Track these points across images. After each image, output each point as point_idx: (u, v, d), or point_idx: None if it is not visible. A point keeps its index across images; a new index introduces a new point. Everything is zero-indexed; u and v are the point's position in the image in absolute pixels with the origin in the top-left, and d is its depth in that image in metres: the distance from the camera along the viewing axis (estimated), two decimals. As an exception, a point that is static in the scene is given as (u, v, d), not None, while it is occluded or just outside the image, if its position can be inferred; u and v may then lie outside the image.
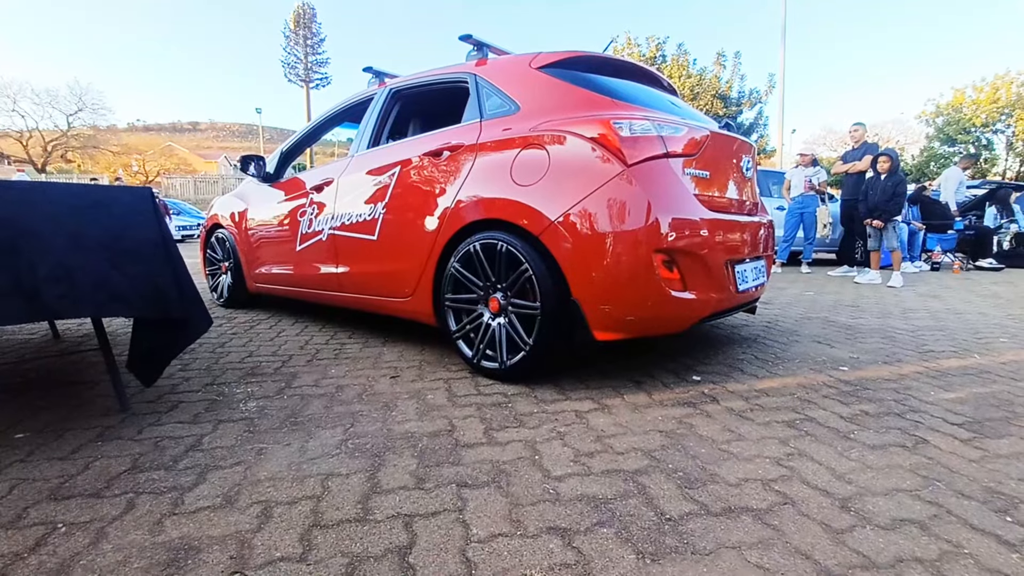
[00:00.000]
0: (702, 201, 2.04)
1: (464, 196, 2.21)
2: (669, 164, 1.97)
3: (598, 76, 2.31)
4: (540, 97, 2.23)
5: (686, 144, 2.04)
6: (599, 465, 1.38)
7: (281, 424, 1.65)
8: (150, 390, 1.95)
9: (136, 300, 1.64)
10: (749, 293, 2.32)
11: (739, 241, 2.21)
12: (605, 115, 1.98)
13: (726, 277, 2.11)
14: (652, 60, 13.91)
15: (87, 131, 38.83)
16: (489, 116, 2.33)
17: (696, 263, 1.96)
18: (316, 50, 43.84)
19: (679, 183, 1.98)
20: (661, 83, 2.76)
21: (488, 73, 2.44)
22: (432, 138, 2.51)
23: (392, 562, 0.99)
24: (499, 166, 2.14)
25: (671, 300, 1.89)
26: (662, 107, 2.31)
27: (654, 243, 1.84)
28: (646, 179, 1.88)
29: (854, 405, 1.83)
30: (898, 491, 1.25)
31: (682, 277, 1.92)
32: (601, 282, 1.88)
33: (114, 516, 1.13)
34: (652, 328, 2.03)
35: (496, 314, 2.12)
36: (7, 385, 2.05)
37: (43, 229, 1.52)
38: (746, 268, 2.28)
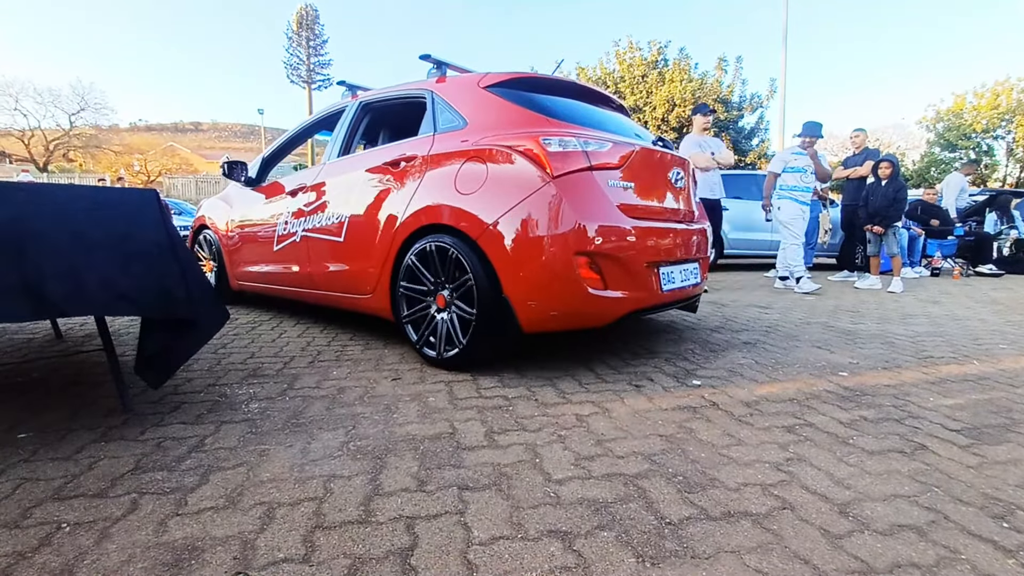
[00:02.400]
0: (624, 209, 2.25)
1: (416, 203, 2.41)
2: (593, 176, 2.19)
3: (538, 95, 2.53)
4: (485, 114, 2.46)
5: (610, 158, 2.26)
6: (599, 468, 1.38)
7: (283, 425, 1.66)
8: (152, 391, 1.96)
9: (142, 299, 1.64)
10: (678, 292, 2.52)
11: (664, 245, 2.42)
12: (535, 132, 2.22)
13: (648, 278, 2.32)
14: (654, 64, 13.94)
15: (89, 131, 38.90)
16: (441, 130, 2.56)
17: (615, 265, 2.17)
18: (319, 51, 43.94)
19: (601, 193, 2.20)
20: (609, 102, 3.00)
21: (443, 90, 2.67)
22: (392, 149, 2.74)
23: (394, 564, 0.99)
24: (446, 176, 2.35)
25: (591, 298, 2.11)
26: (597, 124, 2.54)
27: (575, 246, 2.07)
28: (570, 189, 2.11)
29: (853, 410, 1.84)
30: (896, 497, 1.26)
31: (602, 277, 2.14)
32: (528, 281, 2.11)
33: (118, 516, 1.14)
34: (575, 322, 2.24)
35: (442, 309, 2.33)
36: (10, 385, 2.06)
37: (49, 230, 1.54)
38: (673, 270, 2.49)
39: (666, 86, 13.10)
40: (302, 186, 3.19)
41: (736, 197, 7.92)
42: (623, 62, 14.16)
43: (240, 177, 3.66)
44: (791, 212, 5.38)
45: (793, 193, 5.40)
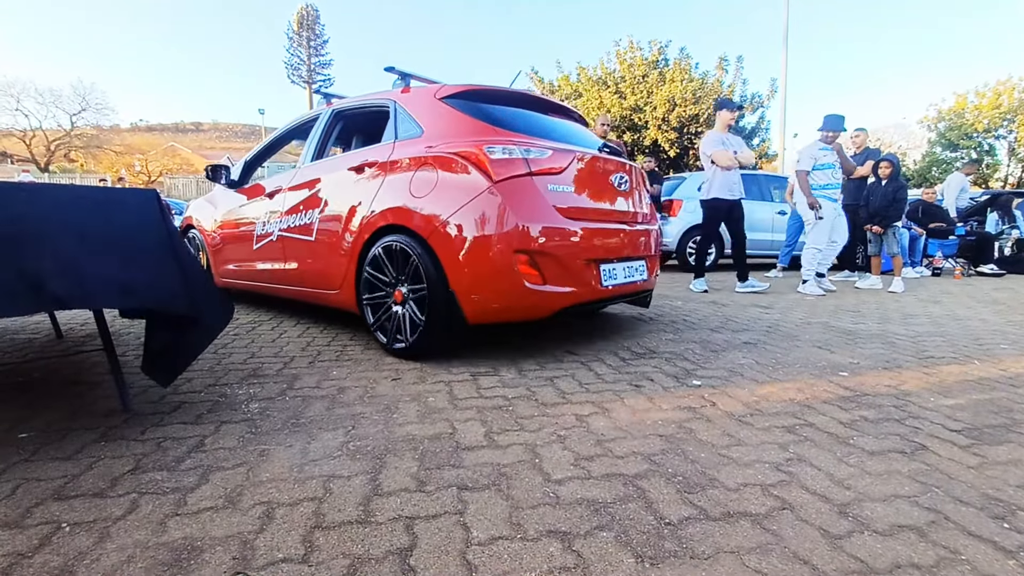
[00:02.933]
0: (562, 211, 2.43)
1: (377, 205, 2.60)
2: (533, 181, 2.37)
3: (489, 106, 2.72)
4: (439, 123, 2.64)
5: (550, 164, 2.45)
6: (599, 469, 1.38)
7: (283, 425, 1.66)
8: (153, 390, 1.96)
9: (144, 292, 1.64)
10: (622, 288, 2.71)
11: (604, 244, 2.60)
12: (480, 140, 2.40)
13: (587, 274, 2.50)
14: (655, 63, 13.93)
15: (90, 131, 38.94)
16: (401, 138, 2.75)
17: (553, 262, 2.36)
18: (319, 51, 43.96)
19: (540, 196, 2.38)
20: (561, 111, 3.18)
21: (404, 101, 2.85)
22: (357, 155, 2.95)
23: (393, 564, 0.99)
24: (403, 180, 2.55)
25: (530, 292, 2.30)
26: (545, 132, 2.74)
27: (514, 245, 2.25)
28: (510, 193, 2.29)
29: (854, 411, 1.84)
30: (897, 497, 1.26)
31: (540, 273, 2.33)
32: (471, 277, 2.29)
33: (118, 516, 1.14)
34: (516, 315, 2.43)
35: (399, 302, 2.51)
36: (11, 384, 2.06)
37: (51, 228, 1.54)
38: (615, 267, 2.68)
39: (667, 86, 13.08)
40: (279, 188, 3.36)
41: (737, 197, 7.91)
42: (624, 62, 14.15)
43: (222, 180, 3.82)
44: (824, 211, 5.16)
45: (825, 191, 5.21)
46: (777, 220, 7.89)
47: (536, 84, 15.56)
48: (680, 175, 9.02)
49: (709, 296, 4.91)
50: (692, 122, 13.11)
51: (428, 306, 2.36)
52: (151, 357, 1.81)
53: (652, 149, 13.48)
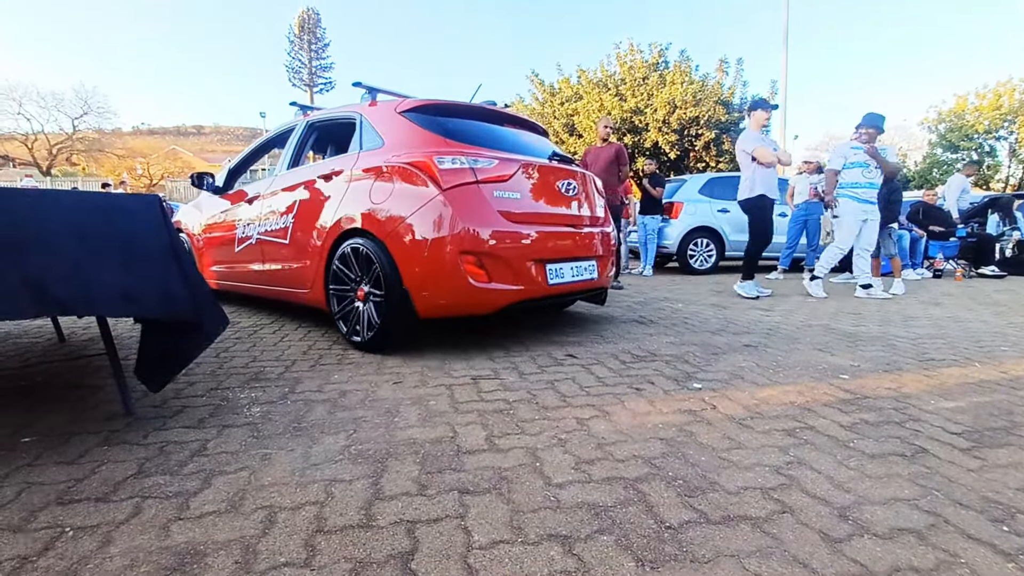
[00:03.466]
0: (507, 216, 2.63)
1: (342, 211, 2.82)
2: (479, 188, 2.58)
3: (444, 119, 2.94)
4: (398, 135, 2.85)
5: (496, 173, 2.66)
6: (600, 472, 1.39)
7: (285, 429, 1.66)
8: (155, 395, 1.96)
9: (147, 300, 1.65)
10: (571, 286, 2.92)
11: (550, 245, 2.79)
12: (432, 152, 2.61)
13: (532, 273, 2.69)
14: (655, 66, 13.94)
15: (92, 134, 39.07)
16: (365, 149, 2.96)
17: (497, 262, 2.55)
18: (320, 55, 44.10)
19: (486, 202, 2.58)
20: (517, 122, 3.40)
21: (369, 114, 3.06)
22: (326, 164, 3.20)
23: (395, 568, 1.00)
24: (364, 188, 2.76)
25: (476, 290, 2.50)
26: (496, 142, 2.96)
27: (460, 247, 2.46)
28: (457, 200, 2.50)
29: (854, 414, 1.84)
30: (896, 500, 1.26)
31: (486, 272, 2.53)
32: (422, 275, 2.50)
33: (121, 520, 1.15)
34: (463, 310, 2.62)
35: (361, 300, 2.71)
36: (14, 389, 2.07)
37: (54, 233, 1.55)
38: (562, 267, 2.87)
39: (667, 88, 13.09)
40: (258, 194, 3.58)
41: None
42: (624, 64, 14.16)
43: (207, 186, 4.03)
44: (847, 211, 5.01)
45: (854, 191, 5.00)
46: (778, 222, 7.88)
47: (537, 86, 15.59)
48: (681, 177, 9.03)
49: (709, 299, 4.92)
50: (692, 124, 13.11)
51: (384, 301, 2.58)
52: (145, 362, 1.82)
53: (653, 151, 13.49)
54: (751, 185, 4.83)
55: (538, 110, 15.49)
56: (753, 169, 4.79)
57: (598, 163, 5.64)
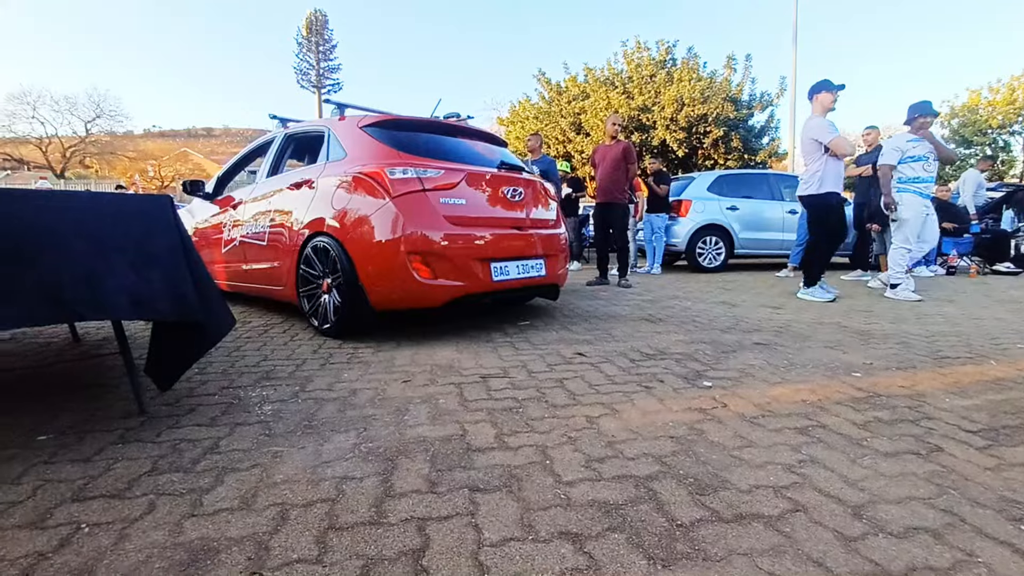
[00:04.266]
0: (451, 219, 2.92)
1: (310, 215, 3.14)
2: (426, 196, 2.88)
3: (400, 133, 3.23)
4: (359, 148, 3.15)
5: (442, 181, 2.95)
6: (610, 470, 1.38)
7: (296, 427, 1.67)
8: (168, 393, 1.99)
9: (157, 304, 1.68)
10: (517, 282, 3.21)
11: (493, 246, 3.07)
12: (385, 163, 2.91)
13: (475, 271, 2.97)
14: (662, 63, 13.87)
15: (105, 137, 39.59)
16: (331, 160, 3.28)
17: (442, 261, 2.84)
18: (328, 56, 44.30)
19: (432, 208, 2.87)
20: (471, 133, 3.69)
21: (336, 128, 3.37)
22: (297, 173, 3.53)
23: (406, 565, 1.00)
24: (328, 195, 3.08)
25: (422, 285, 2.80)
26: (446, 153, 3.25)
27: (407, 247, 2.76)
28: (405, 206, 2.80)
29: (867, 412, 1.82)
30: (912, 499, 1.24)
31: (431, 270, 2.83)
32: (375, 272, 2.81)
33: (135, 517, 1.16)
34: (411, 303, 2.93)
35: (327, 292, 3.01)
36: (30, 388, 2.10)
37: (68, 236, 1.57)
38: (507, 265, 3.15)
39: (674, 85, 13.00)
40: (241, 200, 3.94)
41: (747, 196, 7.87)
42: (631, 62, 14.10)
43: (199, 193, 4.30)
44: (910, 208, 4.72)
45: (916, 185, 4.73)
46: (788, 219, 7.82)
47: (543, 85, 15.57)
48: (689, 175, 8.98)
49: (718, 297, 4.89)
50: (700, 122, 13.02)
51: (344, 294, 2.89)
52: (156, 360, 1.84)
53: (660, 149, 13.42)
54: (819, 180, 4.42)
55: (545, 109, 15.47)
56: (823, 162, 4.38)
57: (606, 162, 5.62)
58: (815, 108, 4.54)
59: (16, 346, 2.83)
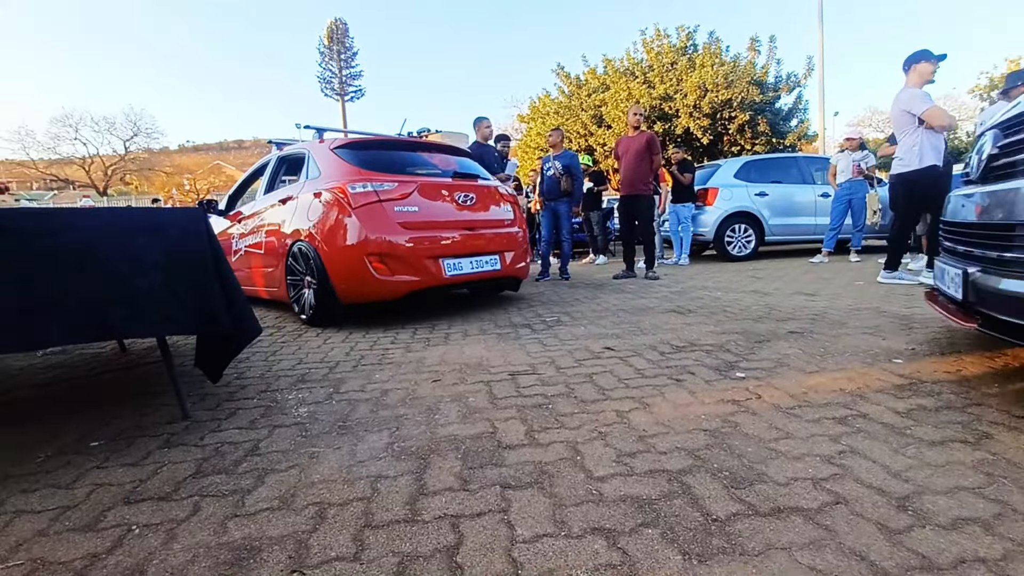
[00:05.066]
0: (404, 224, 3.43)
1: (293, 226, 3.71)
2: (381, 206, 3.40)
3: (364, 152, 3.82)
4: (329, 168, 3.69)
5: (396, 193, 3.47)
6: (642, 465, 1.37)
7: (331, 428, 1.72)
8: (209, 399, 2.06)
9: (189, 320, 1.76)
10: (471, 276, 3.71)
11: (444, 246, 3.57)
12: (347, 180, 3.47)
13: (428, 267, 3.47)
14: (683, 50, 13.58)
15: (143, 154, 41.20)
16: (309, 178, 3.84)
17: (396, 260, 3.37)
18: (350, 64, 44.97)
19: (386, 216, 3.39)
20: (433, 148, 4.26)
21: (314, 150, 3.94)
22: (284, 191, 4.13)
23: (441, 562, 1.02)
24: (305, 209, 3.64)
25: (380, 281, 3.33)
26: (402, 168, 3.82)
27: (365, 251, 3.30)
28: (364, 216, 3.34)
29: (910, 399, 1.76)
30: (959, 489, 1.19)
31: (388, 268, 3.35)
32: (340, 272, 3.35)
33: (182, 518, 1.21)
34: (373, 297, 3.45)
35: (308, 287, 3.59)
36: (82, 397, 2.21)
37: (107, 252, 1.64)
38: (460, 261, 3.65)
39: (696, 72, 12.71)
40: (244, 215, 4.60)
41: (776, 181, 7.65)
42: (651, 50, 13.85)
43: (213, 210, 4.81)
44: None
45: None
46: (820, 203, 7.57)
47: (562, 79, 15.45)
48: (714, 162, 8.78)
49: (750, 286, 4.77)
50: (725, 107, 12.70)
51: (317, 291, 3.46)
52: (203, 357, 2.00)
53: (684, 138, 13.16)
54: (919, 154, 4.13)
55: (565, 103, 15.35)
56: (920, 135, 4.11)
57: (629, 153, 5.55)
58: (911, 79, 4.25)
59: (68, 357, 2.98)
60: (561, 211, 6.00)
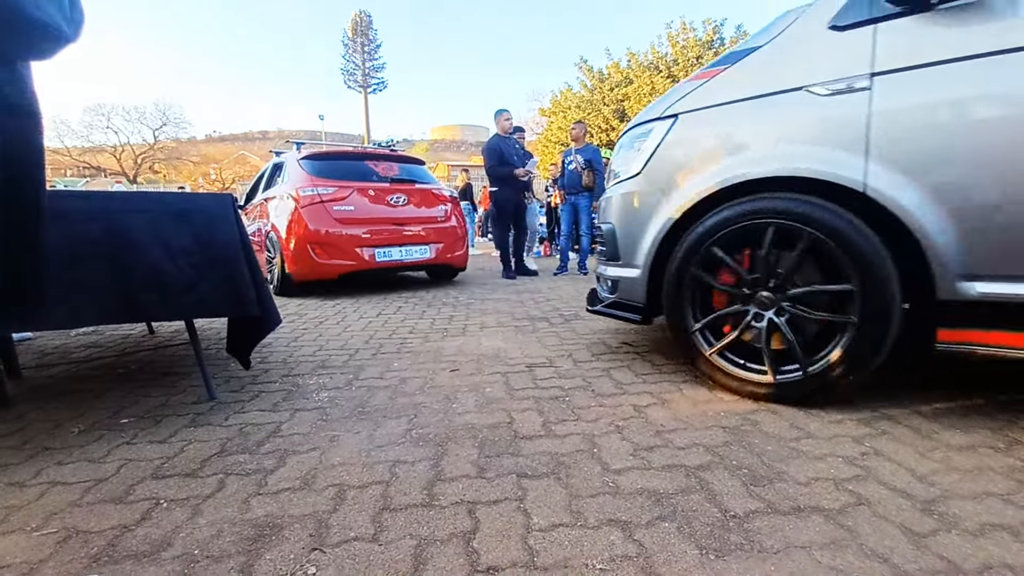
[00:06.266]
0: (340, 220, 4.43)
1: (269, 219, 4.84)
2: (323, 206, 4.41)
3: (319, 162, 4.86)
4: (293, 175, 4.73)
5: (336, 195, 4.48)
6: (659, 460, 1.37)
7: (351, 413, 1.74)
8: (234, 380, 2.11)
9: (218, 303, 1.79)
10: (397, 263, 4.70)
11: (374, 237, 4.55)
12: (299, 186, 4.50)
13: (360, 254, 4.48)
14: (709, 43, 13.36)
15: (171, 144, 42.14)
16: (283, 182, 4.86)
17: (333, 248, 4.38)
18: (373, 56, 45.26)
19: (327, 214, 4.40)
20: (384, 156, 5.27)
21: (288, 160, 5.02)
22: (270, 191, 5.11)
23: (457, 546, 1.03)
24: (276, 206, 4.76)
25: (320, 264, 4.36)
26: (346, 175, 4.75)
27: (308, 240, 4.31)
28: (308, 214, 4.36)
29: (937, 401, 1.71)
30: (988, 495, 1.16)
31: (326, 254, 4.37)
32: (291, 257, 4.37)
33: (207, 494, 1.25)
34: (316, 276, 4.44)
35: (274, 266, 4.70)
36: (113, 376, 2.28)
37: (139, 236, 1.69)
38: (390, 250, 4.64)
39: (724, 67, 12.53)
40: (249, 209, 5.79)
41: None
42: (676, 44, 13.67)
43: None
44: None
45: None
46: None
47: (585, 73, 15.33)
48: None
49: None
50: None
51: (279, 270, 4.58)
52: (234, 342, 2.04)
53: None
54: None
55: (587, 97, 15.24)
56: None
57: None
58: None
59: (100, 338, 3.08)
60: (581, 206, 5.96)
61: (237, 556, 1.01)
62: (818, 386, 1.66)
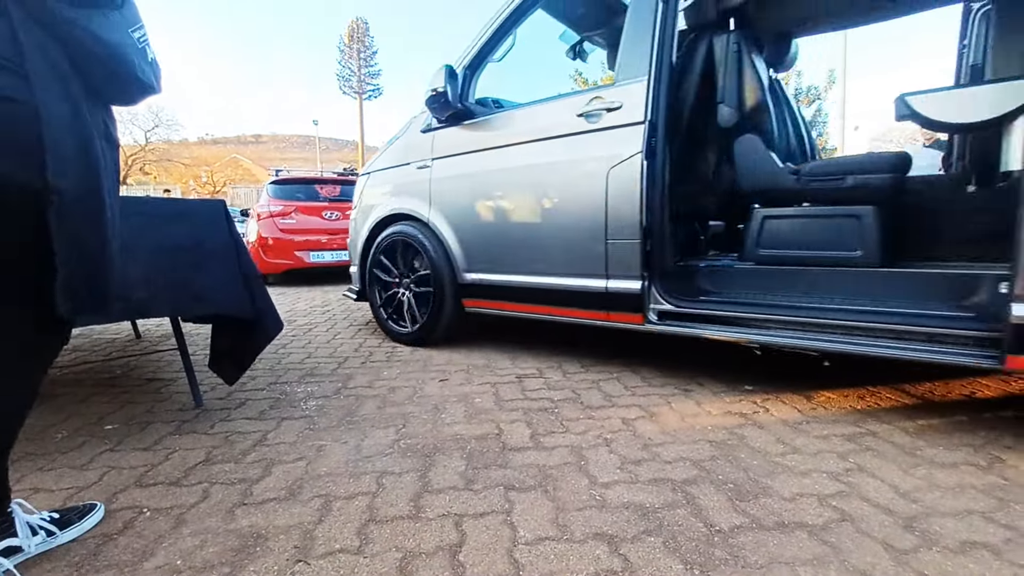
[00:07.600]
0: (283, 230, 6.11)
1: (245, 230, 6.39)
2: (272, 220, 6.12)
3: (280, 186, 6.61)
4: (263, 197, 6.54)
5: (281, 212, 6.17)
6: (646, 473, 1.37)
7: (338, 423, 1.73)
8: (220, 388, 2.09)
9: (213, 299, 1.77)
10: (328, 263, 6.25)
11: (309, 243, 6.18)
12: (262, 205, 6.37)
13: (297, 256, 6.10)
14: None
15: (162, 145, 41.84)
16: (262, 202, 6.43)
17: (275, 250, 6.05)
18: (369, 62, 45.40)
19: (275, 226, 6.10)
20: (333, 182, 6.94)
21: (266, 184, 6.76)
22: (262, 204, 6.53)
23: (443, 559, 1.03)
24: (251, 220, 6.54)
25: (267, 262, 5.95)
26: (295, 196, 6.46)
27: (258, 244, 6.03)
28: (263, 225, 6.11)
29: (921, 419, 1.74)
30: (969, 513, 1.18)
31: (273, 254, 6.04)
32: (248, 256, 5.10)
33: (191, 504, 1.23)
34: (264, 271, 5.46)
35: None
36: (98, 381, 2.25)
37: (134, 240, 1.67)
38: (323, 254, 6.24)
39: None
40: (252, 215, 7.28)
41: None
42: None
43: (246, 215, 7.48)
44: None
45: None
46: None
47: (580, 86, 15.47)
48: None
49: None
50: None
51: None
52: (217, 356, 1.94)
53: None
54: None
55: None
56: None
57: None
58: None
59: (86, 341, 3.04)
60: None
61: (220, 567, 1.00)
62: (426, 333, 2.80)
